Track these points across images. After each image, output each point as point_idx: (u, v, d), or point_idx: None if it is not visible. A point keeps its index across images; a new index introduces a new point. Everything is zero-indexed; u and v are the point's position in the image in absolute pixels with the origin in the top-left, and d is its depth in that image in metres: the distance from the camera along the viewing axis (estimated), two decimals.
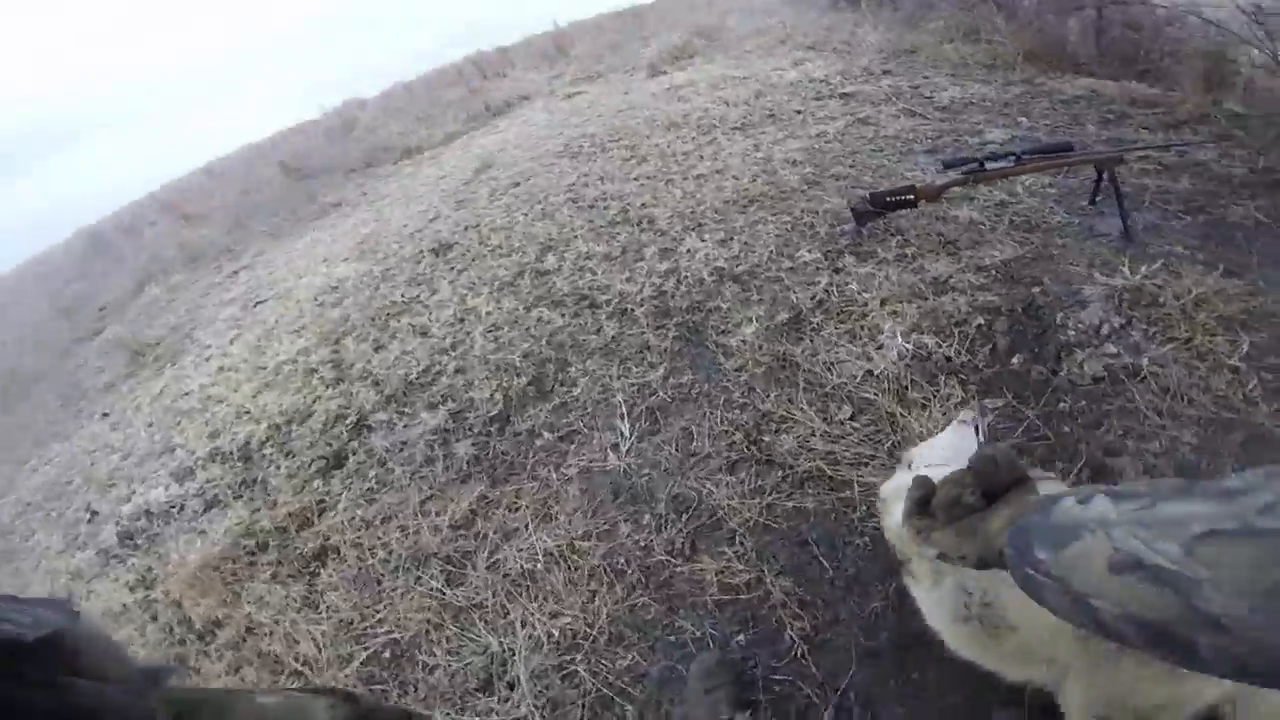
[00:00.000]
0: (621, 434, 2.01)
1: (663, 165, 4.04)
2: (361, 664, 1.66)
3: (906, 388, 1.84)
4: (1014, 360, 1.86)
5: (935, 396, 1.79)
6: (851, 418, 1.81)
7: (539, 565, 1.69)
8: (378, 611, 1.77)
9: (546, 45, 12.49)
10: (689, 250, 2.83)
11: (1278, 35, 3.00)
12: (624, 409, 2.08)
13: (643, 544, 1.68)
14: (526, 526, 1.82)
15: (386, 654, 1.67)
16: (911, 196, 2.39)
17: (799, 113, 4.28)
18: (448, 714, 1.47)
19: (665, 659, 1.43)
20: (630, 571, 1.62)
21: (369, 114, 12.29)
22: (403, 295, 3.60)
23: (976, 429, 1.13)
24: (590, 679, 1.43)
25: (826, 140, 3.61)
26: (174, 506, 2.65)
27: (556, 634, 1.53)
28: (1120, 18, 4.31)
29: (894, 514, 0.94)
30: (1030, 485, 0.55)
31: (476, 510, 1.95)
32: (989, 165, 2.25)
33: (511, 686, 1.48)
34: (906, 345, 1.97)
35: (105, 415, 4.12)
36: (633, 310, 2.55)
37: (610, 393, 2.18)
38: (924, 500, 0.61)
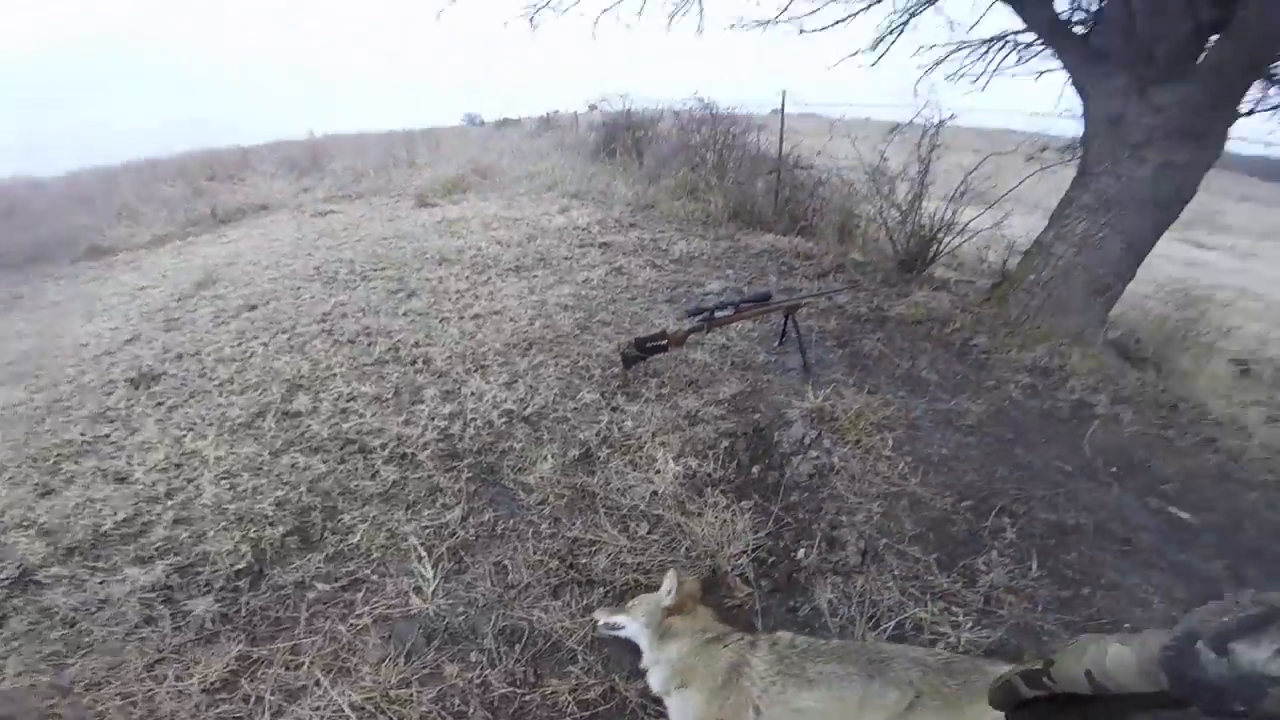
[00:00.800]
0: (423, 577, 1.89)
1: (435, 302, 4.00)
2: None
3: (684, 502, 2.20)
4: (754, 470, 2.38)
5: (706, 505, 2.17)
6: (649, 532, 2.07)
7: None
8: None
9: (297, 154, 11.56)
10: (474, 393, 2.87)
11: (888, 193, 4.43)
12: (421, 552, 1.99)
13: (478, 680, 1.58)
14: (317, 684, 1.57)
15: None
16: (665, 342, 2.91)
17: (567, 259, 4.83)
18: None
19: None
20: (472, 710, 1.51)
21: (45, 196, 9.65)
22: (83, 433, 2.83)
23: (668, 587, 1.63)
24: None
25: (591, 287, 4.14)
26: None
27: None
28: (790, 180, 5.95)
29: (639, 620, 1.61)
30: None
31: (239, 671, 1.65)
32: (717, 314, 2.90)
33: None
34: (678, 468, 2.35)
35: None
36: (415, 454, 2.47)
37: (399, 538, 2.06)
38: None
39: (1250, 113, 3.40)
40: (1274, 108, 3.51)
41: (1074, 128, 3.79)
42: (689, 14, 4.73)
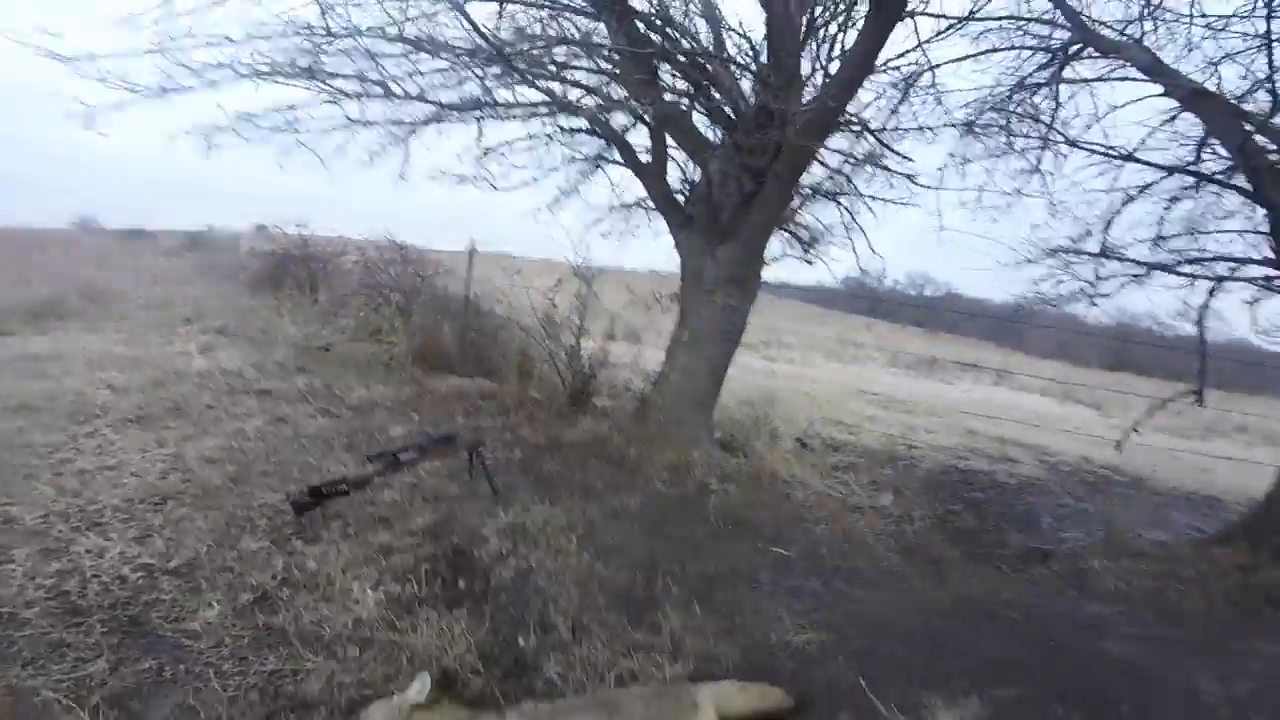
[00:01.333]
0: None
1: (11, 457, 3.15)
2: None
3: (394, 621, 2.20)
4: (460, 583, 2.51)
5: (420, 620, 2.21)
6: (360, 654, 2.03)
7: None
8: None
9: None
10: (90, 550, 2.41)
11: (557, 337, 5.13)
12: (69, 704, 1.72)
13: None
14: None
15: None
16: (345, 487, 2.83)
17: (211, 408, 4.15)
18: None
19: None
20: None
21: None
22: None
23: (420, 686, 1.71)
24: None
25: (246, 439, 3.67)
26: None
27: None
28: (476, 325, 6.42)
29: None
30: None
31: None
32: (402, 456, 2.98)
33: None
34: (379, 595, 2.32)
35: None
36: (17, 613, 2.04)
37: (24, 692, 1.74)
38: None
39: (771, 263, 5.12)
40: (784, 256, 5.54)
41: None
42: (393, 158, 4.68)
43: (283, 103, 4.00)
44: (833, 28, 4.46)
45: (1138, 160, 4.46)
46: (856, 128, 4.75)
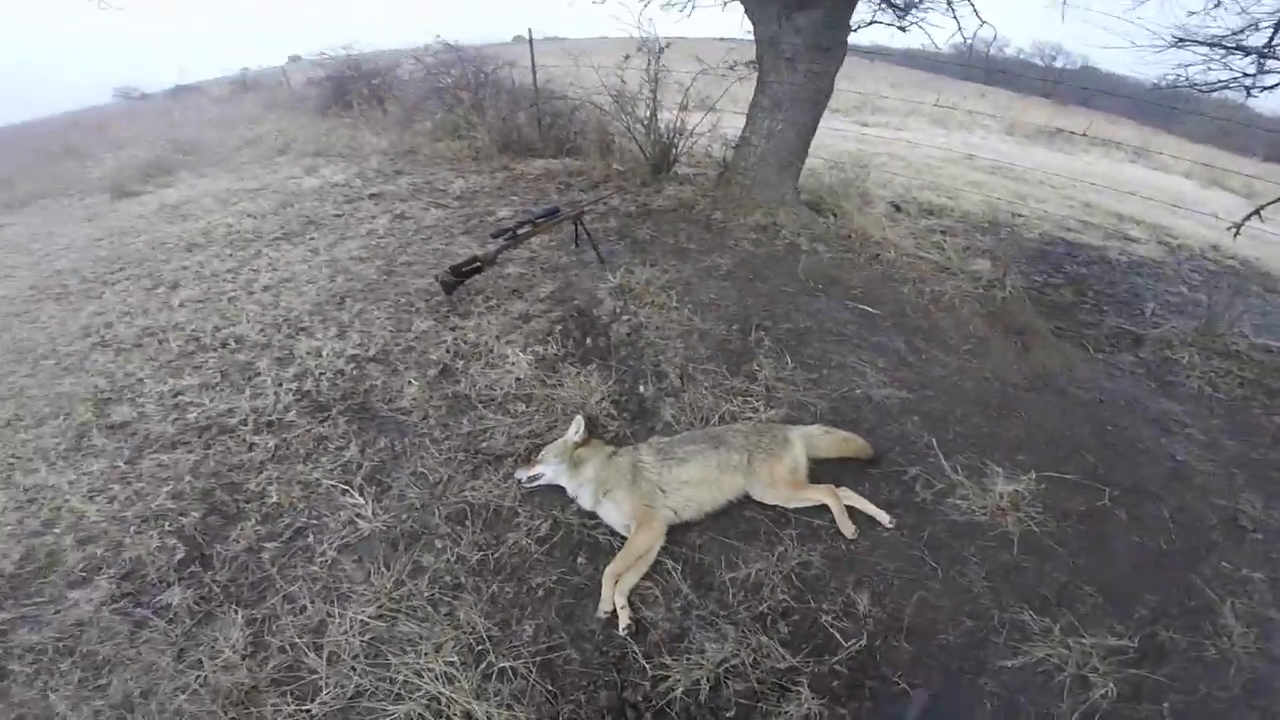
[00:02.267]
0: (356, 505, 2.10)
1: (210, 287, 3.75)
2: None
3: (544, 379, 2.69)
4: (587, 341, 2.96)
5: (563, 376, 2.70)
6: (525, 408, 2.54)
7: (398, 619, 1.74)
8: None
9: None
10: (310, 351, 2.91)
11: (631, 111, 5.06)
12: (342, 487, 2.17)
13: (454, 558, 1.93)
14: (329, 615, 1.76)
15: None
16: (479, 264, 3.26)
17: (338, 216, 4.66)
18: None
19: None
20: (463, 579, 1.86)
21: None
22: None
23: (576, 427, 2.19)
24: None
25: (379, 236, 4.17)
26: None
27: None
28: (550, 109, 6.33)
29: (552, 463, 2.14)
30: (595, 443, 1.96)
31: (258, 633, 1.75)
32: (519, 232, 3.31)
33: None
34: (529, 356, 2.82)
35: None
36: (282, 418, 2.54)
37: (312, 485, 2.21)
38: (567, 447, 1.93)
39: (858, 29, 4.65)
40: (872, 22, 4.89)
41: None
42: None
43: None
44: None
45: None
46: None
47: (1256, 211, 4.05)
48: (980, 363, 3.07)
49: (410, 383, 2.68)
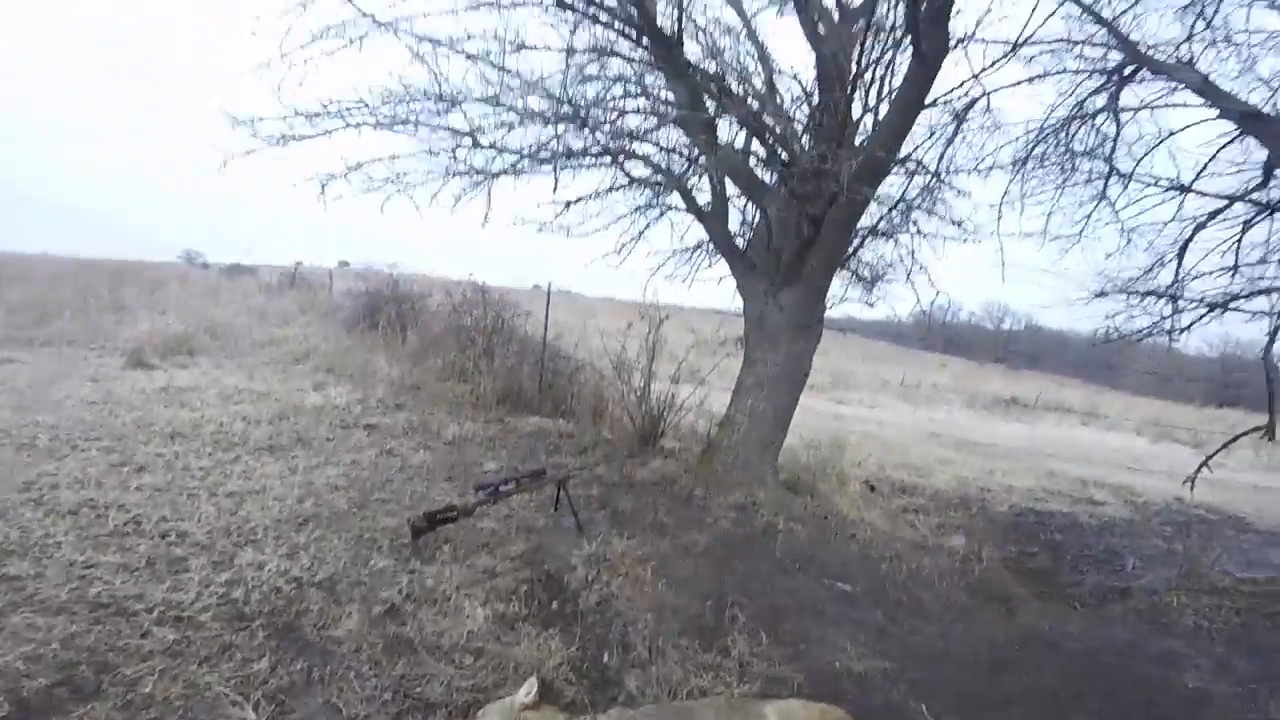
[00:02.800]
0: (247, 718, 1.91)
1: (175, 479, 3.68)
2: None
3: (499, 635, 2.55)
4: (553, 605, 2.84)
5: (521, 635, 2.56)
6: (474, 662, 2.36)
7: None
8: None
9: None
10: (252, 563, 2.81)
11: (627, 379, 5.46)
12: (235, 697, 1.98)
13: None
14: None
15: None
16: (454, 514, 3.23)
17: (329, 440, 4.75)
18: None
19: None
20: None
21: None
22: None
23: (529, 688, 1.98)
24: None
25: (362, 469, 4.20)
26: None
27: None
28: (552, 368, 6.88)
29: None
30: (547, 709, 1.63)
31: None
32: (501, 488, 3.36)
33: None
34: (487, 611, 2.69)
35: None
36: (194, 617, 2.37)
37: (200, 687, 2.01)
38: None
39: (832, 306, 5.14)
40: (843, 299, 5.69)
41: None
42: (475, 201, 4.44)
43: (385, 153, 4.01)
44: (880, 69, 4.23)
45: (1193, 191, 4.35)
46: (912, 166, 4.70)
47: (1204, 463, 4.32)
48: (966, 628, 3.05)
49: (350, 614, 2.51)
